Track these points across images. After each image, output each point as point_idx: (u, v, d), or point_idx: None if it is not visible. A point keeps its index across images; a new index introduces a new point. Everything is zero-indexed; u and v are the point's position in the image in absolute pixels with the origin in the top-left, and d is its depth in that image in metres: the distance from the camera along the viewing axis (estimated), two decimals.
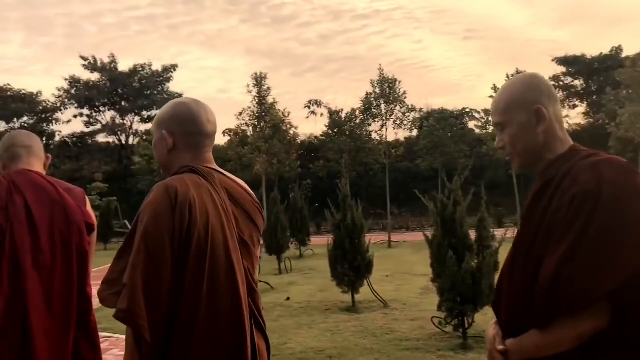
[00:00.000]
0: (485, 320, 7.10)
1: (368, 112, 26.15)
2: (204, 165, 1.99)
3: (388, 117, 24.54)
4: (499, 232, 7.40)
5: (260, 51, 76.16)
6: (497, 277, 6.57)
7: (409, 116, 24.87)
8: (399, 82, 24.27)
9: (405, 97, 24.47)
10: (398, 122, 24.64)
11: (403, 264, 14.99)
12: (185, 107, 2.03)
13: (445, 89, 76.36)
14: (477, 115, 42.59)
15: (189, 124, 1.98)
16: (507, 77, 31.83)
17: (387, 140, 25.77)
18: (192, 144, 1.99)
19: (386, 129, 24.96)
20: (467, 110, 43.30)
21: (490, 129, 36.05)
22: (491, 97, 32.76)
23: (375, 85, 24.31)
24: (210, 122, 2.04)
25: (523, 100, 1.72)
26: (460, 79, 78.97)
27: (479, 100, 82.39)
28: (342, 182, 9.90)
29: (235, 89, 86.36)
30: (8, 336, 2.51)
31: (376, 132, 26.88)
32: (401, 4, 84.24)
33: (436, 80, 76.03)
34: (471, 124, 42.51)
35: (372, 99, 24.96)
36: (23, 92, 41.92)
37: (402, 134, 36.49)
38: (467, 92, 77.20)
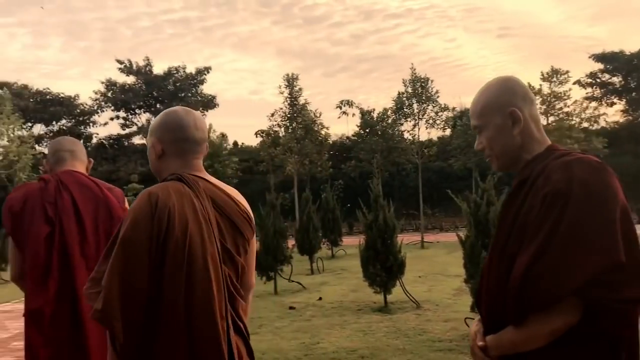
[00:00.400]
0: None
1: (400, 112, 26.01)
2: (191, 173, 2.05)
3: (420, 117, 24.38)
4: None
5: (292, 52, 76.47)
6: None
7: (441, 115, 24.66)
8: (432, 81, 24.10)
9: (438, 96, 24.29)
10: (430, 121, 24.45)
11: (436, 264, 14.89)
12: (174, 114, 2.11)
13: (479, 87, 74.90)
14: None
15: (176, 131, 2.06)
16: (542, 74, 31.32)
17: (420, 139, 25.57)
18: (180, 150, 2.06)
19: (418, 129, 24.82)
20: None
21: None
22: None
23: (407, 84, 24.18)
24: (198, 129, 2.10)
25: (498, 103, 1.77)
26: (494, 77, 77.84)
27: None
28: (373, 182, 9.89)
29: (267, 90, 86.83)
30: (59, 320, 2.77)
31: (408, 131, 26.72)
32: (434, 3, 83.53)
33: (470, 79, 75.15)
34: None
35: (404, 99, 24.82)
36: (61, 95, 42.97)
37: (434, 134, 36.16)
38: None
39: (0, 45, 71.80)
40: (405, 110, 25.28)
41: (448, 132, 37.53)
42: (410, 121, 25.49)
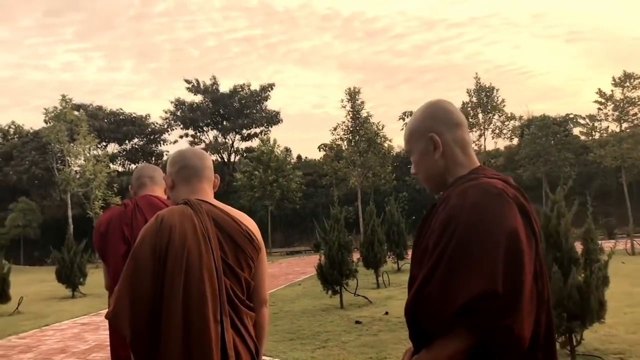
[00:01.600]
0: (596, 337, 6.74)
1: None
2: (196, 197, 2.35)
3: (486, 127, 23.88)
4: (609, 244, 7.02)
5: (353, 65, 76.91)
6: (606, 292, 6.23)
7: (508, 125, 24.05)
8: (497, 90, 23.56)
9: (504, 105, 23.72)
10: (497, 131, 23.89)
11: None
12: (178, 152, 2.48)
13: (546, 94, 73.25)
14: (581, 121, 40.52)
15: (179, 162, 2.41)
16: (614, 79, 30.07)
17: (486, 149, 25.02)
18: (184, 177, 2.39)
19: (484, 139, 24.30)
20: (571, 116, 41.27)
21: (597, 135, 34.13)
22: (596, 101, 31.01)
23: (472, 94, 23.75)
24: (197, 157, 2.43)
25: (420, 129, 1.81)
26: (562, 84, 75.45)
27: (583, 105, 78.54)
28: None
29: (329, 104, 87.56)
30: None
31: (474, 142, 26.19)
32: (498, 10, 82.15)
33: (537, 86, 73.23)
34: (576, 131, 40.48)
35: (469, 108, 24.38)
36: (133, 115, 44.83)
37: (501, 143, 35.35)
38: (570, 97, 73.72)
39: (78, 68, 75.81)
40: (470, 120, 24.81)
41: (515, 141, 36.63)
42: (475, 131, 25.00)
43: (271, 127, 46.22)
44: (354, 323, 9.05)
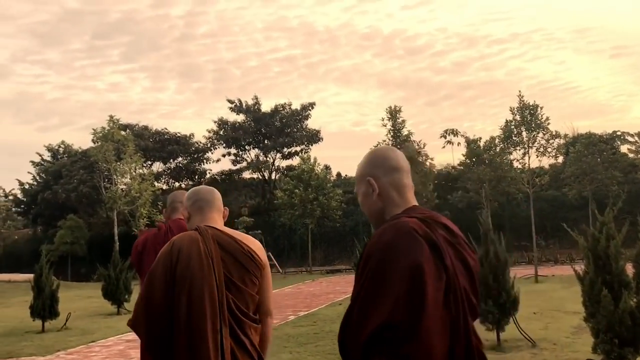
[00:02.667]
0: None
1: (508, 140, 25.13)
2: (205, 224, 2.78)
3: (530, 145, 23.42)
4: None
5: (394, 82, 76.78)
6: None
7: (553, 143, 23.55)
8: (541, 108, 23.13)
9: (549, 123, 23.23)
10: (541, 149, 23.40)
11: (552, 300, 14.13)
12: (192, 190, 2.98)
13: (592, 111, 71.47)
14: (630, 139, 39.41)
15: (192, 197, 2.90)
16: None
17: (530, 167, 24.53)
18: (197, 209, 2.86)
19: (529, 157, 23.82)
20: (618, 133, 40.18)
21: None
22: None
23: (515, 112, 23.37)
24: (208, 192, 2.91)
25: (361, 173, 2.08)
26: (608, 100, 73.53)
27: (631, 121, 76.12)
28: (482, 213, 9.62)
29: (370, 122, 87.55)
30: None
31: (517, 160, 25.71)
32: (541, 25, 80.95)
33: (582, 102, 71.58)
34: (624, 148, 39.38)
35: (513, 127, 23.99)
36: (178, 135, 45.75)
37: (546, 161, 34.59)
38: (617, 113, 71.67)
39: (124, 89, 77.96)
40: (514, 138, 24.38)
41: (560, 159, 35.82)
42: (519, 150, 24.54)
43: (311, 145, 46.45)
44: None
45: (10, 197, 44.89)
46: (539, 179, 24.61)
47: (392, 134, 31.13)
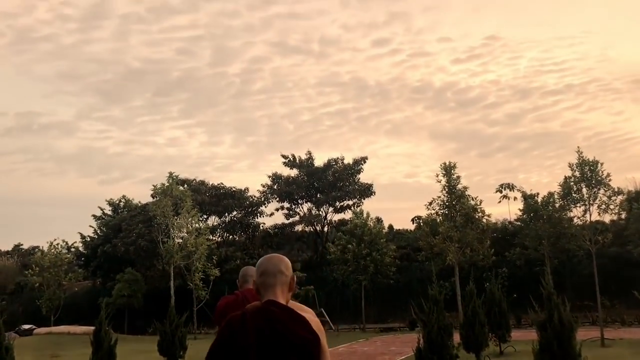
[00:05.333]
0: None
1: (568, 197, 24.45)
2: (268, 298, 2.93)
3: (591, 202, 22.71)
4: None
5: (446, 134, 76.76)
6: None
7: (615, 200, 22.75)
8: (601, 164, 22.51)
9: (610, 180, 22.52)
10: (603, 206, 22.62)
11: None
12: (260, 260, 3.14)
13: None
14: None
15: (259, 269, 3.07)
16: None
17: (591, 221, 23.67)
18: (262, 283, 3.02)
19: (590, 214, 23.06)
20: None
21: None
22: None
23: (575, 168, 22.81)
24: (272, 263, 3.06)
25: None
26: None
27: None
28: (545, 276, 9.34)
29: (421, 173, 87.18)
30: None
31: (578, 217, 24.87)
32: (596, 76, 79.92)
33: None
34: None
35: (572, 183, 23.37)
36: (233, 189, 46.68)
37: (607, 217, 33.46)
38: None
39: (182, 143, 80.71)
40: (573, 195, 23.71)
41: (623, 214, 34.50)
42: (579, 207, 23.81)
43: (364, 199, 46.51)
44: None
45: (73, 250, 46.42)
46: (601, 237, 23.72)
47: (447, 190, 30.83)
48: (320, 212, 47.36)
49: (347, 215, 44.78)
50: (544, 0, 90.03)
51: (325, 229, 48.20)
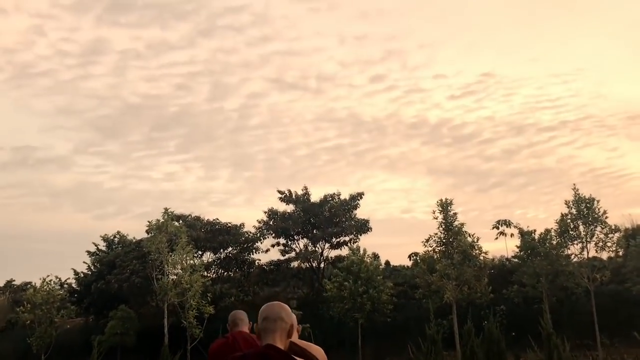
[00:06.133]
0: None
1: (565, 235, 24.39)
2: (265, 342, 3.14)
3: (588, 240, 22.66)
4: None
5: (442, 170, 77.13)
6: None
7: (612, 237, 22.70)
8: (598, 202, 22.56)
9: (607, 217, 22.53)
10: (600, 244, 22.58)
11: None
12: (264, 306, 3.34)
13: None
14: None
15: (261, 315, 3.26)
16: None
17: (588, 259, 23.55)
18: (262, 329, 3.21)
19: (587, 252, 22.98)
20: None
21: None
22: None
23: (571, 205, 22.84)
24: (272, 311, 3.27)
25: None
26: None
27: None
28: (541, 311, 9.20)
29: (418, 209, 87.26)
30: None
31: (576, 255, 24.75)
32: (590, 113, 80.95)
33: (638, 189, 69.73)
34: None
35: (569, 220, 23.35)
36: (229, 225, 46.42)
37: (605, 254, 33.35)
38: None
39: (178, 178, 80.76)
40: (570, 232, 23.68)
41: (620, 252, 34.36)
42: (577, 244, 23.74)
43: (360, 235, 46.24)
44: None
45: (66, 286, 45.83)
46: (599, 276, 23.56)
47: (443, 226, 30.73)
48: (317, 249, 47.00)
49: (344, 251, 44.51)
50: (537, 38, 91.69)
51: (322, 265, 47.79)
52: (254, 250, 47.41)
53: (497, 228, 40.42)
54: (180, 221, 39.81)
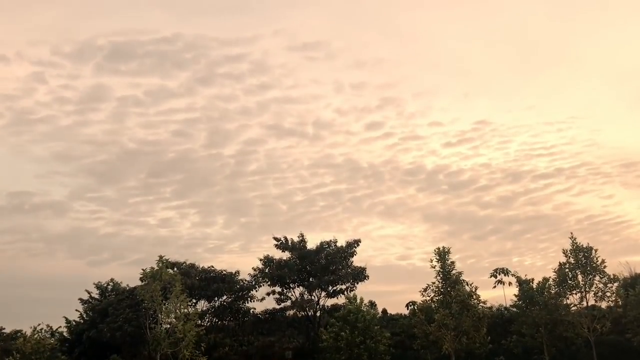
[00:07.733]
0: None
1: (564, 284, 24.18)
2: None
3: (587, 289, 22.46)
4: None
5: (439, 217, 77.05)
6: None
7: (611, 287, 22.52)
8: (595, 251, 22.45)
9: (605, 267, 22.39)
10: (600, 293, 22.37)
11: None
12: None
13: None
14: None
15: None
16: None
17: (587, 308, 23.27)
18: None
19: (587, 301, 22.73)
20: None
21: None
22: None
23: (569, 254, 22.73)
24: None
25: None
26: None
27: None
28: None
29: (415, 255, 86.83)
30: None
31: (575, 304, 24.46)
32: (585, 160, 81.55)
33: (635, 236, 69.94)
34: None
35: (567, 270, 23.19)
36: (224, 272, 45.87)
37: (605, 304, 33.02)
38: None
39: (174, 224, 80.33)
40: (569, 282, 23.50)
41: (620, 301, 33.99)
42: (576, 293, 23.52)
43: (357, 283, 45.71)
44: None
45: (57, 335, 44.87)
46: (600, 325, 23.23)
47: (441, 275, 30.45)
48: (313, 297, 46.38)
49: (340, 299, 43.93)
50: (531, 86, 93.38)
51: (318, 314, 47.05)
52: (248, 299, 46.72)
53: (495, 276, 40.12)
54: (175, 268, 39.38)
